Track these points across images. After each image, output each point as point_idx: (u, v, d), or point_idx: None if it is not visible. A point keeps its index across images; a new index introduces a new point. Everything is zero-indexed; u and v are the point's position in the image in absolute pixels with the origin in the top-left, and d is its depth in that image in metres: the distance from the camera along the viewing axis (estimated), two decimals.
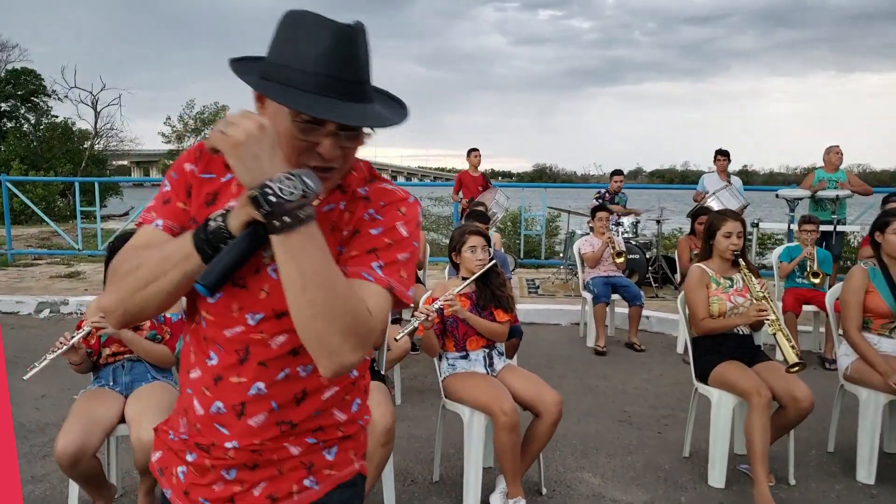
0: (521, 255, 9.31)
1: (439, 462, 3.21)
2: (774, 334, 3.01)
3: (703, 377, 3.25)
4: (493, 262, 3.08)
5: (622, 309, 5.91)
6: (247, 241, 0.97)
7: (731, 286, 3.29)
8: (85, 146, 25.93)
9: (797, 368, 2.91)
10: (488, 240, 3.25)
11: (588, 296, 5.63)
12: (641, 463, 3.40)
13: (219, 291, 1.04)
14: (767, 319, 3.04)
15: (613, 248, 5.66)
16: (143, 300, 1.04)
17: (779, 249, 5.64)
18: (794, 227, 6.62)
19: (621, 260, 5.63)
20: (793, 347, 2.94)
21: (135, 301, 1.05)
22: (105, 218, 14.82)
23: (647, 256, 7.34)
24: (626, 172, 8.37)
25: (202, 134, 28.09)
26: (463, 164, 8.11)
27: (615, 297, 5.61)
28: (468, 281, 3.06)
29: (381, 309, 1.07)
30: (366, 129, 1.06)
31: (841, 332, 3.46)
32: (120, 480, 2.92)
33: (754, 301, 3.14)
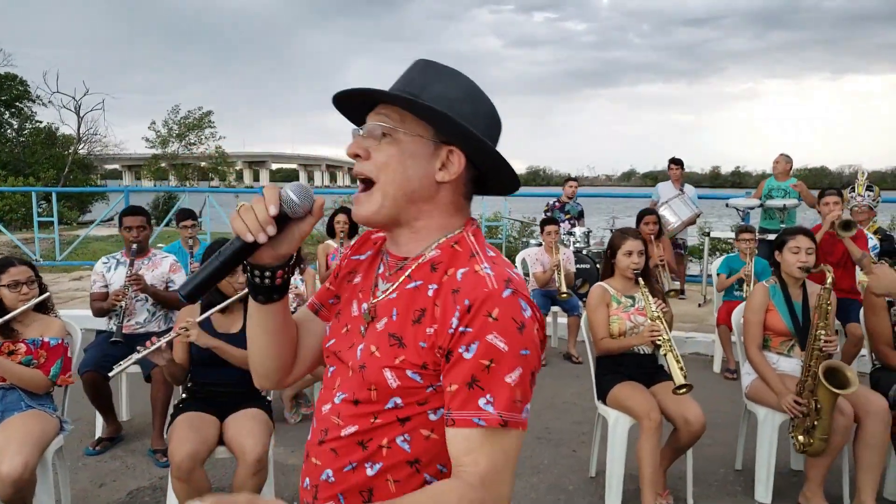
0: None
1: None
2: (665, 355, 3.00)
3: (603, 396, 3.24)
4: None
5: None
6: (231, 250, 1.00)
7: (633, 305, 3.27)
8: (68, 152, 25.83)
9: (684, 390, 2.89)
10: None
11: (512, 273, 5.59)
12: (546, 484, 3.38)
13: (198, 298, 1.03)
14: (659, 340, 3.02)
15: (560, 279, 5.51)
16: (252, 352, 1.19)
17: (718, 261, 5.63)
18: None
19: (564, 295, 5.50)
20: (681, 369, 2.92)
21: (251, 359, 1.21)
22: (89, 223, 14.79)
23: (598, 266, 7.32)
24: (619, 174, 8.34)
25: (186, 139, 28.04)
26: None
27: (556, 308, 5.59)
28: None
29: (499, 461, 0.94)
30: (382, 123, 1.03)
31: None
32: None
33: (650, 321, 3.12)
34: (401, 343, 1.00)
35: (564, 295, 5.44)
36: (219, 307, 2.76)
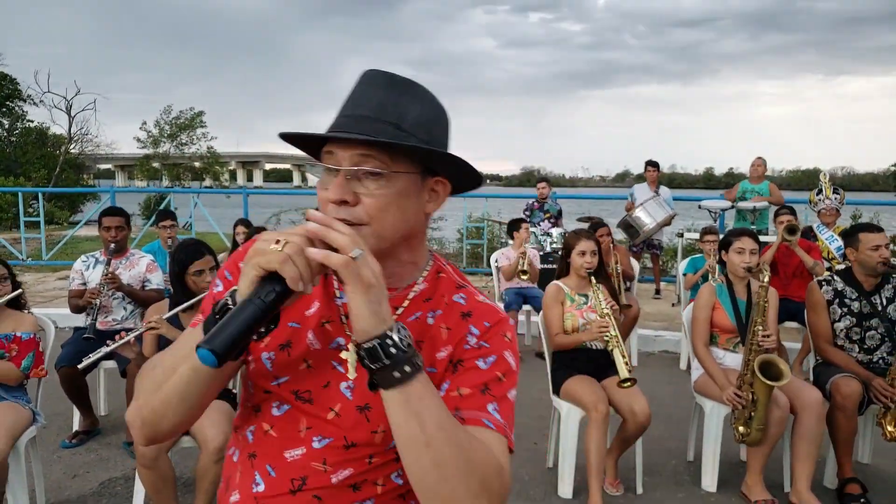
0: (464, 265, 9.45)
1: None
2: (612, 350, 3.15)
3: (557, 390, 3.39)
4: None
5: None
6: (263, 300, 0.80)
7: (586, 303, 3.43)
8: (59, 152, 25.88)
9: (629, 384, 3.05)
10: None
11: (499, 305, 5.76)
12: None
13: (229, 359, 0.79)
14: (606, 336, 3.18)
15: (521, 263, 5.73)
16: (159, 404, 0.93)
17: (684, 262, 5.80)
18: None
19: (525, 277, 5.70)
20: (626, 363, 3.08)
21: (151, 406, 0.94)
22: (78, 224, 14.85)
23: None
24: (613, 175, 8.49)
25: (177, 139, 28.09)
26: None
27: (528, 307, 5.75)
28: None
29: (507, 462, 0.93)
30: (370, 169, 0.93)
31: None
32: None
33: (599, 317, 3.27)
34: None
35: (524, 276, 5.64)
36: (186, 305, 2.90)
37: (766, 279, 3.13)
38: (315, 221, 0.85)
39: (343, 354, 0.99)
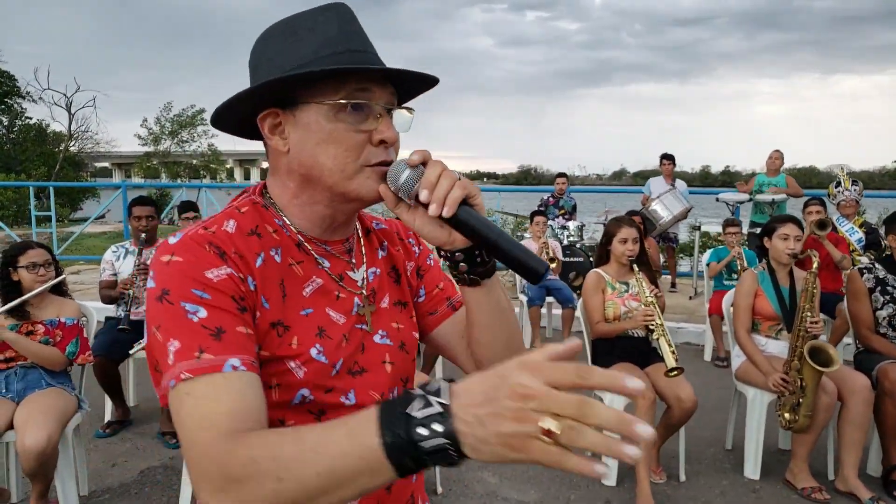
0: None
1: None
2: (658, 339, 3.13)
3: None
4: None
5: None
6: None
7: (627, 290, 3.41)
8: (59, 149, 25.76)
9: (675, 373, 3.03)
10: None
11: (524, 298, 5.75)
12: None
13: None
14: (652, 324, 3.16)
15: (547, 253, 5.77)
16: None
17: (708, 252, 5.79)
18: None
19: (554, 265, 5.73)
20: (673, 353, 3.06)
21: None
22: (80, 221, 14.79)
23: (591, 259, 7.48)
24: (610, 173, 8.49)
25: (178, 136, 28.01)
26: (453, 166, 8.21)
27: (550, 299, 5.73)
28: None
29: None
30: (407, 106, 0.95)
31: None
32: (18, 486, 2.98)
33: (643, 306, 3.26)
34: (404, 305, 1.08)
35: (553, 265, 5.66)
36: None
37: (816, 265, 3.12)
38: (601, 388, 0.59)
39: (362, 311, 0.99)
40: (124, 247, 4.10)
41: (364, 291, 1.00)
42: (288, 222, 0.95)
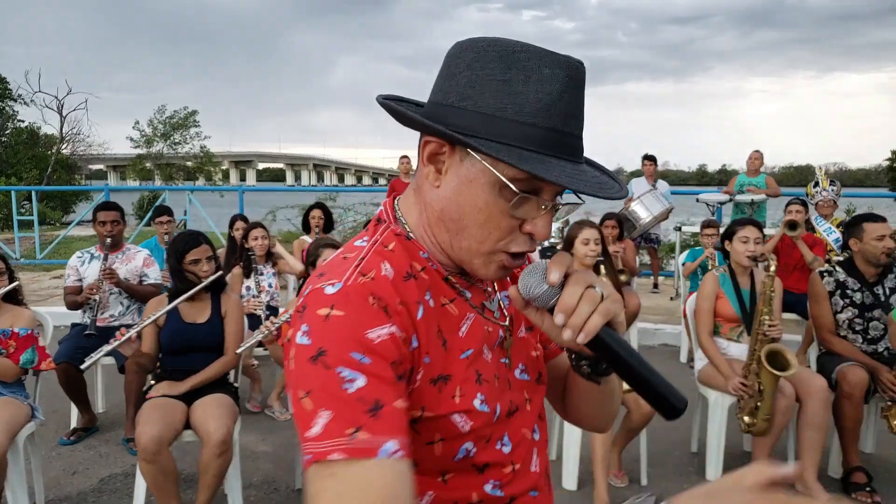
0: None
1: (300, 471, 3.29)
2: None
3: None
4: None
5: None
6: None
7: None
8: (51, 152, 25.70)
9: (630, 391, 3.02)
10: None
11: None
12: None
13: None
14: None
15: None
16: None
17: (684, 254, 5.80)
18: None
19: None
20: None
21: None
22: (69, 224, 14.77)
23: None
24: None
25: (171, 138, 27.94)
26: None
27: None
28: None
29: None
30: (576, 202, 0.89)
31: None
32: None
33: None
34: (531, 329, 1.00)
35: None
36: (185, 296, 2.87)
37: (773, 268, 3.12)
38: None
39: (505, 344, 0.92)
40: (90, 252, 4.08)
41: (506, 323, 0.92)
42: (433, 255, 0.87)
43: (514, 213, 0.78)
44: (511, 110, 0.75)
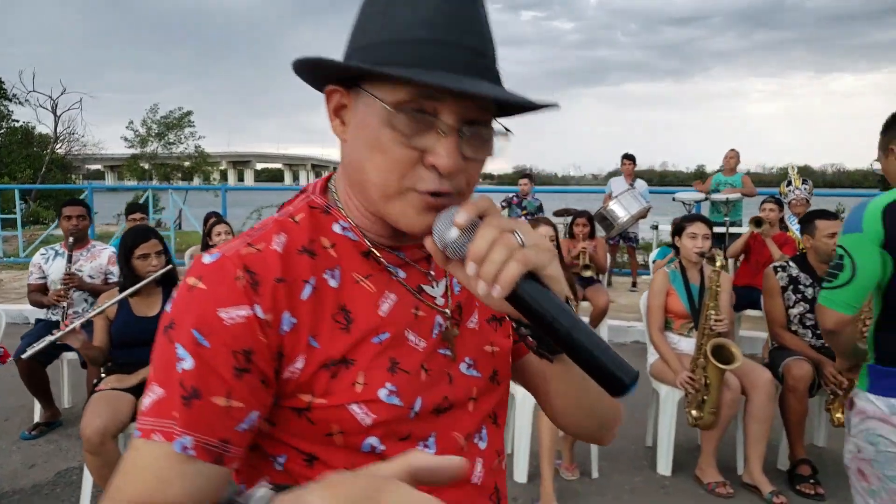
0: None
1: None
2: None
3: None
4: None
5: None
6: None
7: None
8: (45, 151, 25.73)
9: None
10: None
11: None
12: None
13: None
14: None
15: None
16: None
17: (656, 251, 5.84)
18: None
19: None
20: None
21: None
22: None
23: None
24: (605, 173, 8.51)
25: (165, 138, 27.95)
26: None
27: None
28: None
29: None
30: (497, 127, 0.75)
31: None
32: None
33: None
34: (500, 321, 0.89)
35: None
36: (132, 289, 2.90)
37: (719, 263, 3.16)
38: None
39: (445, 334, 0.82)
40: (54, 248, 4.12)
41: (448, 309, 0.82)
42: (354, 224, 0.79)
43: (411, 142, 0.70)
44: (389, 32, 0.70)
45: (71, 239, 3.98)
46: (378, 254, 0.79)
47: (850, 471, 1.82)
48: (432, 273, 0.83)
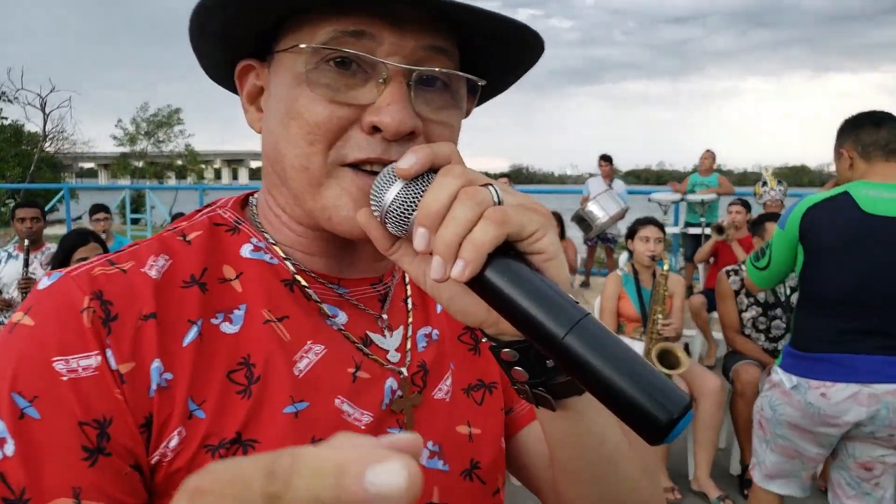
0: None
1: None
2: None
3: None
4: None
5: None
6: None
7: None
8: (34, 150, 25.66)
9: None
10: None
11: None
12: None
13: None
14: None
15: None
16: None
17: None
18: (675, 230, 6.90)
19: None
20: None
21: None
22: (56, 222, 14.78)
23: None
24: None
25: (154, 136, 27.88)
26: None
27: None
28: None
29: None
30: (465, 77, 0.56)
31: None
32: None
33: None
34: (490, 388, 0.67)
35: None
36: None
37: (666, 268, 3.13)
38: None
39: (395, 406, 0.59)
40: (7, 251, 4.08)
41: (404, 370, 0.60)
42: (272, 242, 0.58)
43: (337, 96, 0.51)
44: None
45: (26, 242, 3.94)
46: (304, 282, 0.57)
47: (754, 420, 2.30)
48: (384, 317, 0.61)
